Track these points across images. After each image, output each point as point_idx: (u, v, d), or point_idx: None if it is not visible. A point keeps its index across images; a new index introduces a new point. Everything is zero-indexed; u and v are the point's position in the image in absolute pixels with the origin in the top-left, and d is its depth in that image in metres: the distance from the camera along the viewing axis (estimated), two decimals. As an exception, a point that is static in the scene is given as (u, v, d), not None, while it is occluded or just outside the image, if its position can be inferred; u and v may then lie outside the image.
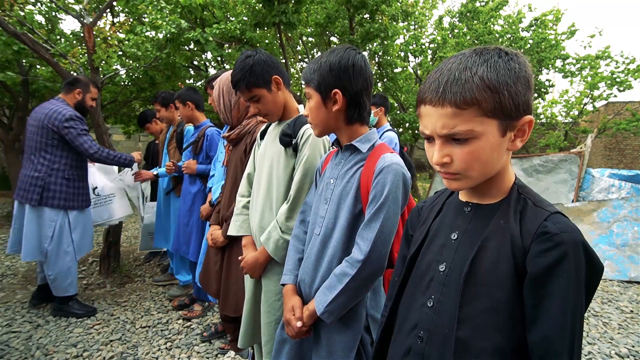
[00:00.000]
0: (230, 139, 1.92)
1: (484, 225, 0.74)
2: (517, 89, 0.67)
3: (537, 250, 0.66)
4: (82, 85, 2.85)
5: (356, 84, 1.15)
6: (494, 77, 0.66)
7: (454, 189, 0.77)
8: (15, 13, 3.62)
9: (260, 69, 1.44)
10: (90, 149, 2.71)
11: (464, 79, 0.66)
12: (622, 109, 9.78)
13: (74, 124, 2.66)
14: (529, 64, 0.70)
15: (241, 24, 5.04)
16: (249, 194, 1.68)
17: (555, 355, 0.63)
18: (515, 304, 0.67)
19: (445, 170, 0.72)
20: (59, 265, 2.70)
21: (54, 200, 2.67)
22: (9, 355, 2.28)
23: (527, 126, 0.70)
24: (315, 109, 1.18)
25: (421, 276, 0.81)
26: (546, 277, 0.64)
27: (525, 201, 0.73)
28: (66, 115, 2.64)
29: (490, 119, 0.66)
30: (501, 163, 0.72)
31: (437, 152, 0.70)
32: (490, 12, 8.96)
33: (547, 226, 0.66)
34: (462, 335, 0.70)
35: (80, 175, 2.82)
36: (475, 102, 0.65)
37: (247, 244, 1.58)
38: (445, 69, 0.69)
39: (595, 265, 0.66)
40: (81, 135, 2.69)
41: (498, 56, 0.68)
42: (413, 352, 0.78)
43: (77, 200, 2.78)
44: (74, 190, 2.75)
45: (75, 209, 2.78)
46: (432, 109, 0.69)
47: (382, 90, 7.74)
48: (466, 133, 0.67)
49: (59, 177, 2.69)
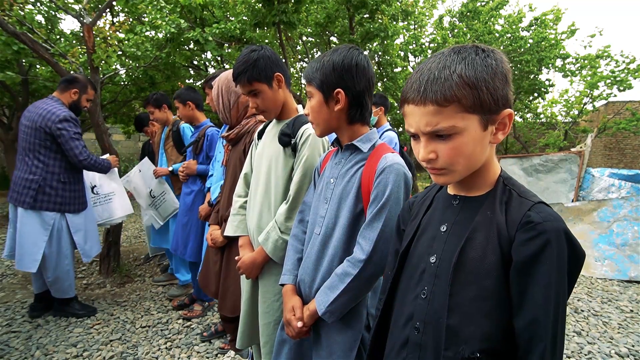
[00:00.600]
0: (230, 139, 1.92)
1: (472, 217, 0.76)
2: (495, 85, 0.69)
3: (522, 239, 0.68)
4: (79, 86, 2.76)
5: (359, 84, 1.15)
6: (472, 74, 0.68)
7: (442, 184, 0.80)
8: (15, 13, 3.61)
9: (264, 63, 1.43)
10: (80, 155, 2.60)
11: (443, 78, 0.69)
12: (622, 109, 9.79)
13: (67, 125, 2.56)
14: (505, 59, 0.73)
15: (241, 23, 5.04)
16: (245, 194, 1.66)
17: (540, 339, 0.65)
18: (502, 291, 0.69)
19: (431, 166, 0.74)
20: (59, 269, 2.65)
21: (49, 204, 2.57)
22: (8, 355, 2.28)
23: (508, 119, 0.73)
24: (317, 108, 1.17)
25: (414, 269, 0.84)
26: (530, 265, 0.67)
27: (511, 192, 0.75)
28: (60, 116, 2.54)
29: (471, 115, 0.69)
30: (485, 156, 0.75)
31: (422, 149, 0.73)
32: (491, 11, 8.95)
33: (531, 215, 0.69)
34: (452, 322, 0.72)
35: (76, 177, 2.73)
36: (456, 99, 0.68)
37: (243, 244, 1.57)
38: (425, 68, 0.72)
39: (577, 252, 0.68)
40: (73, 140, 2.58)
41: (475, 54, 0.71)
42: (410, 342, 0.80)
43: (73, 203, 2.69)
44: (70, 193, 2.67)
45: (72, 212, 2.69)
46: (415, 107, 0.72)
47: (382, 90, 7.73)
48: (448, 129, 0.69)
49: (54, 180, 2.59)
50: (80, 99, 2.77)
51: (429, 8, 9.85)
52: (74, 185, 2.70)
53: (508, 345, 0.69)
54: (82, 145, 2.63)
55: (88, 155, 2.65)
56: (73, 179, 2.69)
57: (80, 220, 2.76)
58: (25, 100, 5.44)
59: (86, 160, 2.63)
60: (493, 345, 0.69)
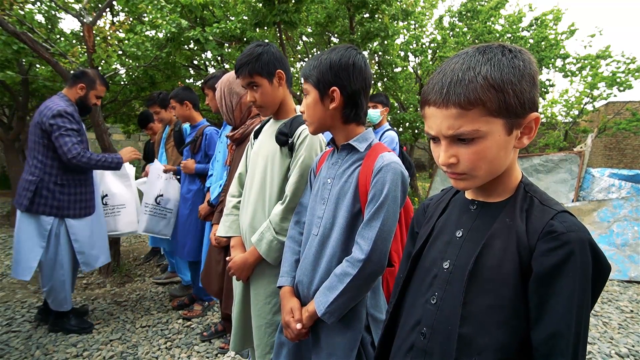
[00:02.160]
0: (234, 139, 1.92)
1: (490, 223, 0.73)
2: (522, 87, 0.65)
3: (544, 249, 0.65)
4: (86, 80, 2.54)
5: (355, 84, 1.15)
6: (498, 76, 0.65)
7: (462, 189, 0.76)
8: (15, 12, 3.61)
9: (267, 58, 1.44)
10: (68, 153, 2.31)
11: (467, 80, 0.65)
12: (622, 109, 9.78)
13: (60, 121, 2.32)
14: (534, 60, 0.69)
15: (241, 23, 5.03)
16: (239, 194, 1.65)
17: (560, 354, 0.62)
18: (519, 301, 0.67)
19: (452, 171, 0.71)
20: (54, 278, 2.44)
21: (45, 207, 2.37)
22: (8, 355, 2.28)
23: (534, 123, 0.69)
24: (312, 106, 1.17)
25: (425, 273, 0.81)
26: (552, 276, 0.64)
27: (532, 199, 0.72)
28: (54, 110, 2.33)
29: (496, 118, 0.66)
30: (508, 161, 0.72)
31: (443, 153, 0.70)
32: (490, 11, 8.95)
33: (554, 225, 0.65)
34: (465, 331, 0.69)
35: (78, 180, 2.48)
36: (480, 102, 0.64)
37: (235, 245, 1.55)
38: (448, 69, 0.68)
39: (602, 265, 0.65)
40: (63, 136, 2.32)
41: (502, 54, 0.67)
42: (416, 348, 0.78)
43: (73, 207, 2.45)
44: (69, 197, 2.44)
45: (73, 217, 2.46)
46: (436, 110, 0.69)
47: (382, 90, 7.73)
48: (472, 133, 0.66)
49: (51, 182, 2.38)
50: (87, 95, 2.55)
51: (429, 8, 9.85)
52: (74, 188, 2.47)
53: (524, 358, 0.66)
54: (74, 142, 2.35)
55: (79, 153, 2.35)
56: (73, 182, 2.46)
57: (83, 226, 2.52)
58: (25, 100, 5.44)
59: (76, 158, 2.33)
60: (508, 357, 0.67)
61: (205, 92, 2.53)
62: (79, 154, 2.34)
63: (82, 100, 2.54)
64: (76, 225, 2.49)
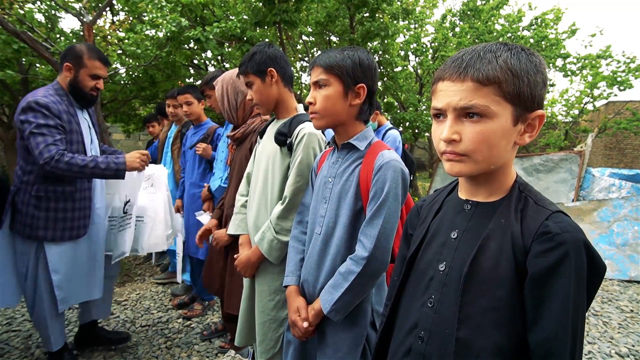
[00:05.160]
0: (235, 138, 1.92)
1: (484, 224, 0.73)
2: (537, 80, 0.68)
3: (538, 250, 0.65)
4: (72, 57, 1.90)
5: (375, 84, 1.21)
6: (517, 63, 0.67)
7: (456, 174, 0.73)
8: (15, 11, 3.61)
9: (259, 57, 1.49)
10: (40, 156, 1.72)
11: (488, 59, 0.67)
12: (622, 109, 9.78)
13: (31, 116, 1.76)
14: (545, 65, 0.72)
15: (241, 22, 5.04)
16: (247, 193, 1.68)
17: (557, 355, 0.63)
18: (515, 302, 0.67)
19: (451, 149, 0.70)
20: (36, 313, 1.91)
21: (20, 226, 1.84)
22: (8, 354, 2.28)
23: (538, 121, 0.71)
24: (333, 98, 1.16)
25: (421, 275, 0.81)
26: (547, 278, 0.64)
27: (527, 199, 0.72)
28: (23, 104, 1.78)
29: (507, 103, 0.67)
30: (507, 155, 0.72)
31: (447, 128, 0.69)
32: (491, 10, 8.95)
33: (549, 225, 0.65)
34: (463, 334, 0.69)
35: (60, 192, 1.87)
36: (497, 80, 0.66)
37: (243, 243, 1.59)
38: (469, 50, 0.71)
39: (597, 266, 0.65)
40: (35, 135, 1.74)
41: (521, 49, 0.70)
42: (413, 352, 0.78)
43: (52, 228, 1.85)
44: (47, 213, 1.84)
45: (52, 241, 1.86)
46: (451, 84, 0.70)
47: (383, 90, 7.73)
48: (482, 108, 0.67)
49: (27, 194, 1.84)
50: (78, 76, 1.92)
51: (429, 7, 9.85)
52: (54, 202, 1.86)
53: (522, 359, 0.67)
54: (48, 142, 1.74)
55: (52, 156, 1.72)
56: (53, 194, 1.86)
57: (63, 252, 1.90)
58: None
59: (49, 164, 1.72)
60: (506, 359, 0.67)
61: (207, 93, 2.48)
62: (52, 158, 1.72)
63: (74, 85, 1.93)
64: (55, 251, 1.88)
